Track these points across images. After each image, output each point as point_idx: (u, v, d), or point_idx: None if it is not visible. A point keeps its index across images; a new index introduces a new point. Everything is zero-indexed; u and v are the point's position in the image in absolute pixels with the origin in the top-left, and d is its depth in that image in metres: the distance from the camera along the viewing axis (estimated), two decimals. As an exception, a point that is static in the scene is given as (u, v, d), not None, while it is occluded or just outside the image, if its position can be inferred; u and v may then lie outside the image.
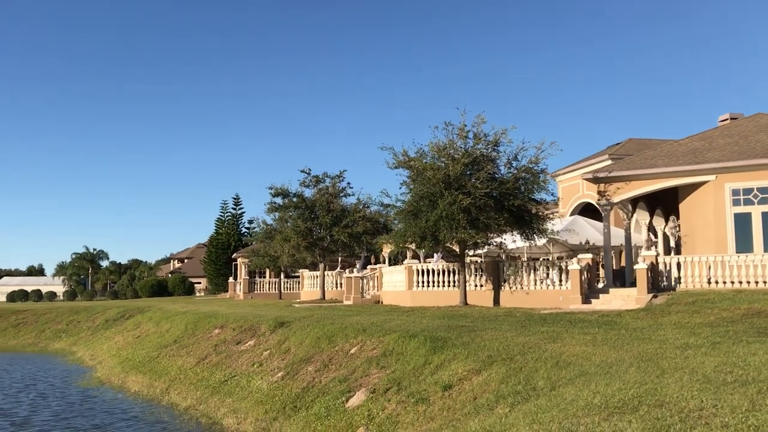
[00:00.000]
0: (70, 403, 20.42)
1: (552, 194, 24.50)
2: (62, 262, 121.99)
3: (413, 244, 24.50)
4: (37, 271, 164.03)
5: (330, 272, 37.51)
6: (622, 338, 12.95)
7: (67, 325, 44.20)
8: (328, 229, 33.12)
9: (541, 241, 25.54)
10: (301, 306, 30.45)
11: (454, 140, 23.25)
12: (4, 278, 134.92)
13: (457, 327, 16.86)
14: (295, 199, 34.00)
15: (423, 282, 26.06)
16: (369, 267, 33.48)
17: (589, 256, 23.66)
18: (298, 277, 41.73)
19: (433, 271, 26.01)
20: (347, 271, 33.56)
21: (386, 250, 38.06)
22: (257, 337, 22.10)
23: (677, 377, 8.35)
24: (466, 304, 23.90)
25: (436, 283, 25.83)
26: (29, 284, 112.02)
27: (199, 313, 29.42)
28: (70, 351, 36.08)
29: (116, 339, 33.36)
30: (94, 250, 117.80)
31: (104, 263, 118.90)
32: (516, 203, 22.62)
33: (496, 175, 23.48)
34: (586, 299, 22.35)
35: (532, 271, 24.11)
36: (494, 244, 25.04)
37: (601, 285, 24.64)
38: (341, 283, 34.21)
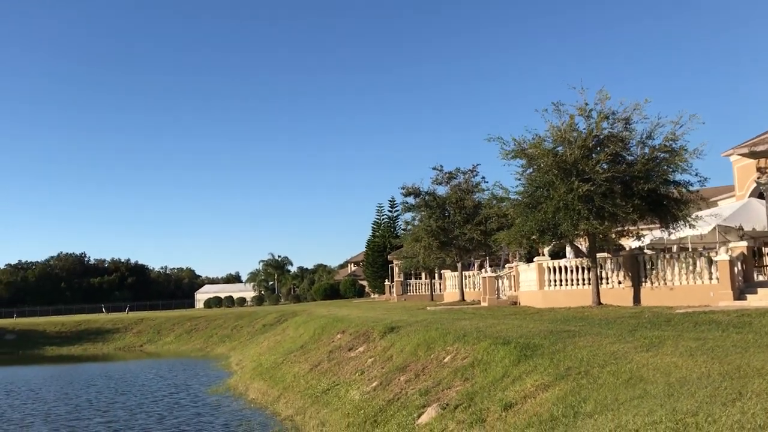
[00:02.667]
0: (183, 407, 20.86)
1: (697, 175, 21.12)
2: (256, 270, 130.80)
3: (528, 240, 22.31)
4: (234, 279, 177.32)
5: (469, 272, 35.92)
6: (737, 346, 10.34)
7: (231, 331, 46.47)
8: (460, 227, 31.57)
9: (706, 229, 22.30)
10: (434, 308, 29.21)
11: (574, 121, 20.86)
12: (205, 286, 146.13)
13: (560, 332, 14.77)
14: (426, 198, 32.85)
15: (555, 280, 23.76)
16: (507, 265, 31.46)
17: (744, 244, 20.10)
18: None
19: (565, 268, 23.62)
20: (483, 270, 31.79)
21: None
22: (367, 343, 21.24)
23: (747, 407, 6.11)
24: (600, 303, 21.36)
25: (568, 282, 23.43)
26: (226, 291, 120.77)
27: (330, 318, 29.23)
28: (227, 356, 37.63)
29: (263, 344, 34.22)
30: (279, 256, 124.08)
31: (292, 269, 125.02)
32: (648, 187, 19.75)
33: (626, 157, 20.74)
34: (739, 295, 18.97)
35: (676, 264, 20.99)
36: (641, 234, 22.21)
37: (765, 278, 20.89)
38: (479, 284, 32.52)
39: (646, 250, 24.24)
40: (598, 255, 22.34)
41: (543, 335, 14.40)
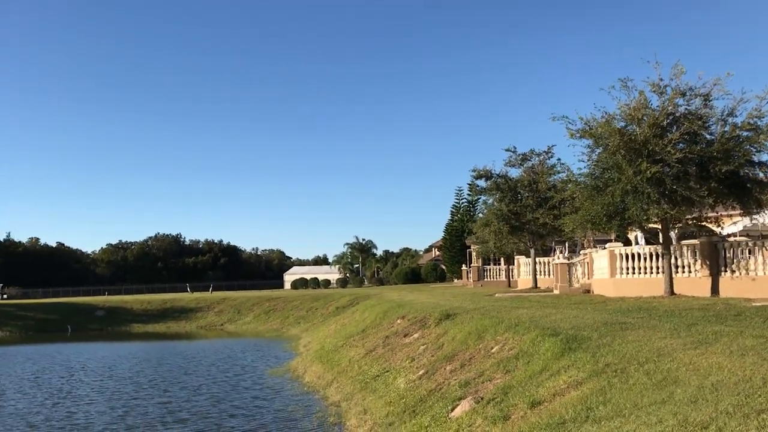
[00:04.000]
0: (242, 389, 20.98)
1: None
2: (342, 253, 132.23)
3: (595, 226, 21.00)
4: (321, 261, 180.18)
5: (544, 258, 34.58)
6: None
7: (306, 312, 46.91)
8: (533, 211, 30.35)
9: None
10: (502, 295, 28.24)
11: (646, 98, 19.39)
12: (293, 267, 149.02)
13: (614, 324, 13.71)
14: (498, 181, 31.76)
15: (627, 268, 22.40)
16: (582, 252, 30.05)
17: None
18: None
19: (638, 255, 22.20)
20: (555, 257, 30.49)
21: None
22: (423, 330, 20.66)
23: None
24: (673, 293, 19.92)
25: (641, 270, 22.02)
26: (312, 273, 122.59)
27: (395, 303, 28.81)
28: (298, 337, 37.92)
29: (331, 327, 34.24)
30: (363, 240, 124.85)
31: (377, 252, 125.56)
32: (727, 169, 18.10)
33: (704, 136, 19.13)
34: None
35: (760, 253, 19.25)
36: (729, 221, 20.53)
37: None
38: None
39: (733, 237, 22.47)
40: (683, 242, 20.81)
41: (594, 327, 13.42)
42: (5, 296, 79.22)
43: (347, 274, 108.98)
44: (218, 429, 15.37)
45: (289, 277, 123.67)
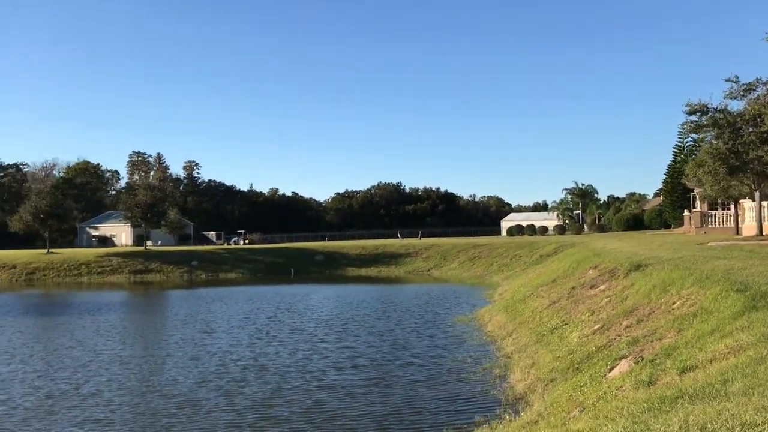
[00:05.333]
0: (424, 336, 21.20)
1: None
2: (560, 199, 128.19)
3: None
4: (540, 208, 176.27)
5: (773, 202, 30.32)
6: None
7: (510, 260, 46.20)
8: (756, 148, 26.59)
9: None
10: (716, 244, 25.29)
11: None
12: (511, 214, 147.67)
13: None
14: (715, 115, 28.22)
15: None
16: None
17: None
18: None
19: None
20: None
21: None
22: (610, 281, 19.22)
23: None
24: None
25: None
26: (530, 219, 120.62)
27: (592, 251, 27.18)
28: (498, 285, 37.47)
29: (530, 275, 33.34)
30: (583, 185, 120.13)
31: (600, 197, 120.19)
32: None
33: None
34: None
35: None
36: None
37: None
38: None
39: None
40: None
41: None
42: (246, 242, 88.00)
43: (566, 221, 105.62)
44: (386, 377, 15.50)
45: (506, 223, 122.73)
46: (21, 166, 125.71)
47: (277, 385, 14.85)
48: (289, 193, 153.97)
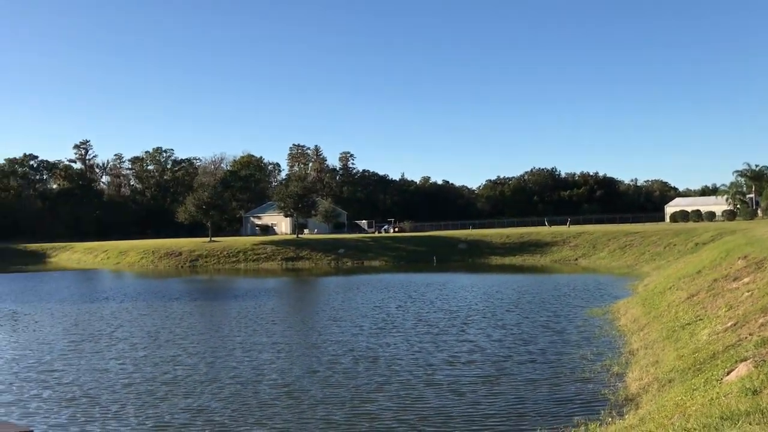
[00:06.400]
0: (548, 329, 20.36)
1: None
2: (731, 182, 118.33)
3: None
4: (709, 192, 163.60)
5: None
6: None
7: (663, 249, 43.26)
8: None
9: None
10: None
11: None
12: (676, 199, 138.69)
13: None
14: None
15: None
16: None
17: None
18: None
19: None
20: None
21: None
22: (756, 273, 17.38)
23: None
24: None
25: None
26: (696, 205, 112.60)
27: (747, 240, 24.72)
28: (647, 275, 35.17)
29: (679, 266, 30.97)
30: (757, 166, 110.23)
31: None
32: None
33: None
34: None
35: None
36: None
37: None
38: None
39: None
40: None
41: None
42: (396, 230, 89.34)
43: (737, 206, 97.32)
44: (499, 375, 14.87)
45: (670, 209, 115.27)
46: (194, 161, 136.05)
47: (384, 379, 14.72)
48: (440, 182, 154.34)
